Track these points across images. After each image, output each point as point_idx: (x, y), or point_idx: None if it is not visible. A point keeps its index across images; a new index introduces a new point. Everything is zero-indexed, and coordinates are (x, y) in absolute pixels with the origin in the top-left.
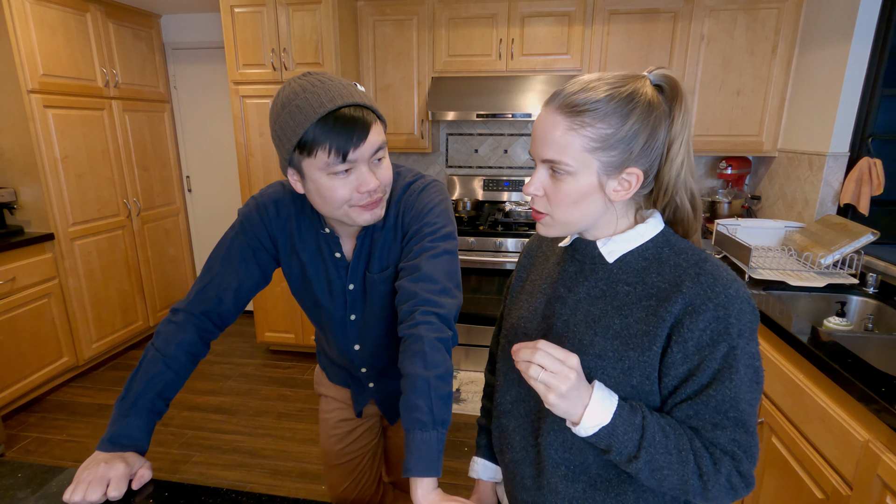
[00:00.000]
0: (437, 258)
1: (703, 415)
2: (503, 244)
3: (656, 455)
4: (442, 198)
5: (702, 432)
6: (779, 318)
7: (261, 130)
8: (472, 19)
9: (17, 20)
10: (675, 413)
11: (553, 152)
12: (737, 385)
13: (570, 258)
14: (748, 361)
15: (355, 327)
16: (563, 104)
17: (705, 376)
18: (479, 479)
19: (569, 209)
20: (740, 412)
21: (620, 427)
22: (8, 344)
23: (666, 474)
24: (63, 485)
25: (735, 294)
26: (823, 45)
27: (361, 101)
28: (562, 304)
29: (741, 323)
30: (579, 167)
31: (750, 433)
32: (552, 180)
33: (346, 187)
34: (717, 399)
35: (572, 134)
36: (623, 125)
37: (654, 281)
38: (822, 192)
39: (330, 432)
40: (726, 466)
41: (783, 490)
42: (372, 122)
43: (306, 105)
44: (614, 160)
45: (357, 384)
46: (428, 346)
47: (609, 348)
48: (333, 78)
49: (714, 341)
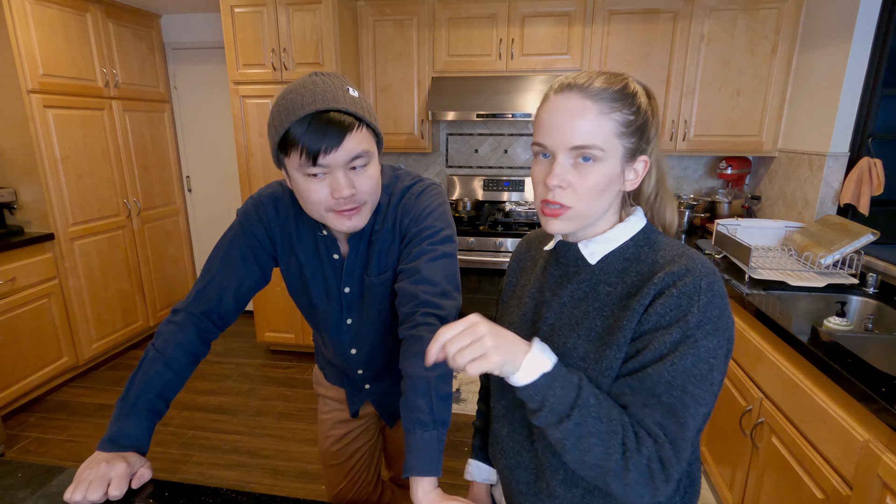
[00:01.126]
0: (437, 261)
1: (637, 392)
2: (503, 244)
3: (587, 418)
4: (440, 201)
5: (630, 409)
6: (779, 318)
7: (261, 130)
8: (472, 19)
9: (17, 20)
10: (613, 388)
11: (585, 137)
12: (678, 371)
13: (554, 262)
14: (702, 355)
15: (351, 331)
16: (588, 92)
17: (649, 356)
18: (474, 482)
19: (594, 199)
20: (674, 399)
21: (559, 381)
22: (8, 344)
23: (592, 443)
24: (63, 485)
25: (706, 287)
26: (823, 45)
27: (344, 106)
28: (547, 307)
29: (703, 315)
30: (609, 153)
31: (679, 425)
32: (576, 170)
33: (322, 191)
34: (653, 378)
35: (604, 118)
36: (639, 112)
37: (633, 279)
38: (822, 192)
39: (328, 432)
40: (647, 447)
41: (783, 490)
42: (351, 129)
43: (291, 104)
44: (632, 147)
45: (353, 385)
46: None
47: (591, 350)
48: (333, 81)
49: (668, 325)
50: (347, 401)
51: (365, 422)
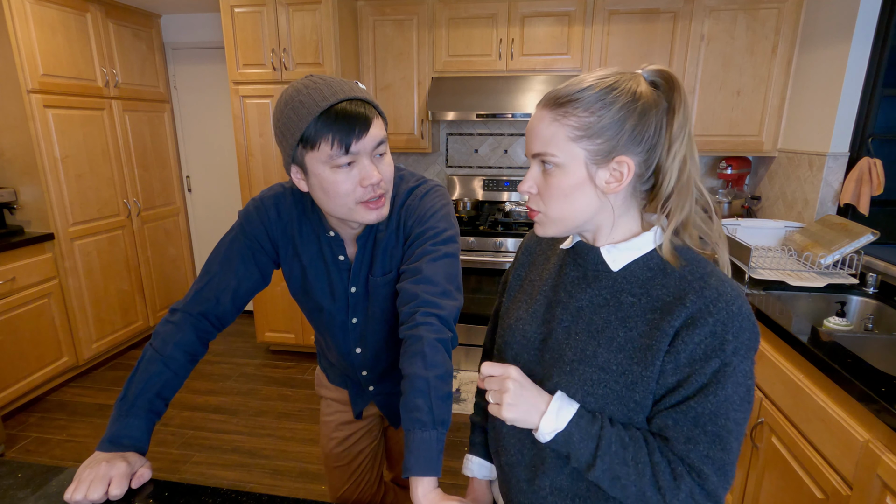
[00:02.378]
0: (439, 261)
1: (681, 425)
2: (503, 244)
3: (613, 465)
4: (444, 202)
5: (674, 444)
6: (779, 318)
7: (261, 130)
8: (472, 19)
9: (17, 20)
10: (654, 421)
11: (540, 145)
12: (721, 400)
13: (571, 262)
14: (740, 380)
15: (357, 330)
16: (548, 99)
17: (691, 388)
18: (474, 478)
19: (561, 204)
20: (719, 427)
21: (576, 434)
22: (8, 344)
23: (624, 484)
24: (63, 485)
25: (737, 311)
26: (823, 45)
27: (363, 96)
28: (563, 309)
29: (738, 341)
30: (567, 158)
31: (726, 451)
32: (543, 176)
33: (350, 181)
34: (697, 411)
35: (556, 125)
36: (606, 112)
37: (659, 293)
38: (822, 192)
39: (331, 434)
40: (687, 483)
41: (783, 490)
42: (373, 117)
43: (308, 100)
44: (601, 148)
45: (357, 386)
46: (428, 346)
47: (613, 361)
48: (335, 77)
49: (707, 356)
50: (351, 402)
51: (368, 423)
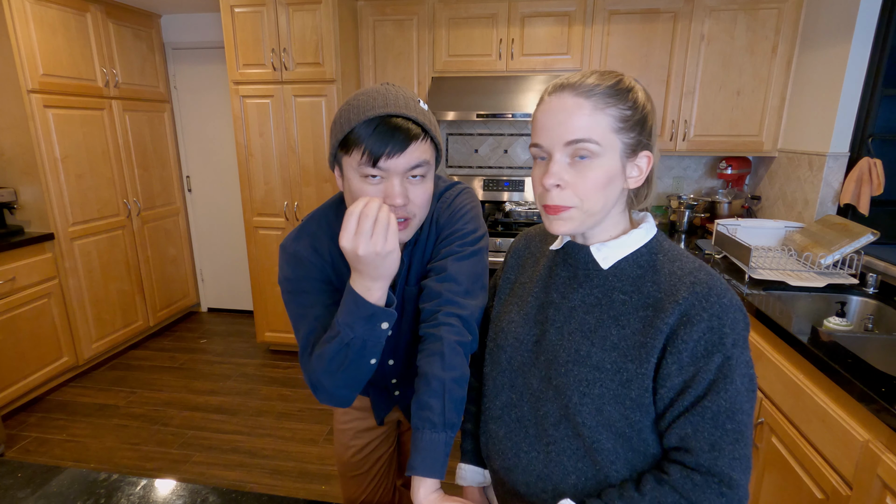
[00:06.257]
0: (464, 260)
1: (701, 431)
2: (503, 244)
3: None
4: (473, 204)
5: (698, 455)
6: (779, 318)
7: (261, 130)
8: (472, 19)
9: (17, 20)
10: (674, 430)
11: (582, 132)
12: (732, 395)
13: (562, 262)
14: (743, 370)
15: (390, 342)
16: (581, 90)
17: (701, 387)
18: (469, 486)
19: (597, 196)
20: (737, 423)
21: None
22: (8, 344)
23: None
24: (63, 485)
25: (729, 304)
26: (823, 45)
27: (414, 115)
28: (555, 310)
29: (735, 333)
30: (606, 147)
31: (746, 444)
32: (574, 168)
33: (375, 195)
34: (713, 410)
35: (599, 114)
36: (637, 106)
37: (650, 290)
38: (822, 193)
39: (349, 443)
40: (708, 498)
41: (783, 490)
42: (416, 138)
43: (361, 105)
44: (632, 142)
45: (382, 393)
46: (447, 347)
47: (607, 360)
48: (405, 92)
49: (709, 352)
50: (373, 408)
51: (387, 429)
